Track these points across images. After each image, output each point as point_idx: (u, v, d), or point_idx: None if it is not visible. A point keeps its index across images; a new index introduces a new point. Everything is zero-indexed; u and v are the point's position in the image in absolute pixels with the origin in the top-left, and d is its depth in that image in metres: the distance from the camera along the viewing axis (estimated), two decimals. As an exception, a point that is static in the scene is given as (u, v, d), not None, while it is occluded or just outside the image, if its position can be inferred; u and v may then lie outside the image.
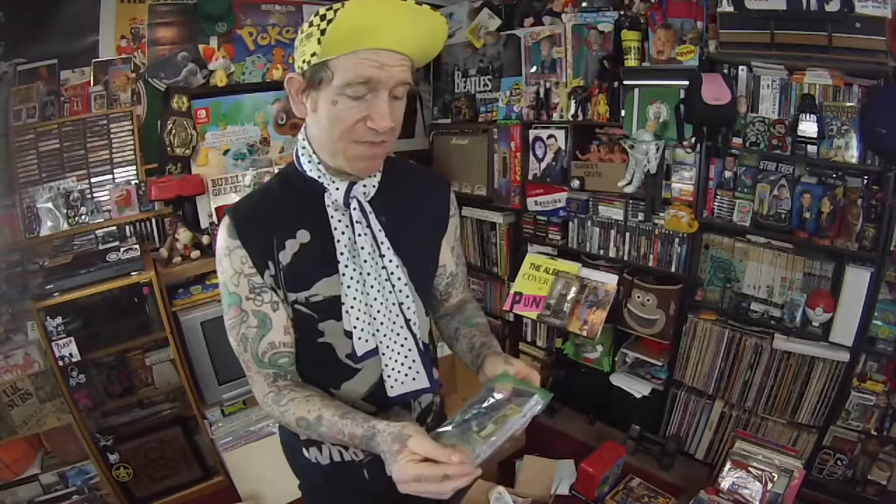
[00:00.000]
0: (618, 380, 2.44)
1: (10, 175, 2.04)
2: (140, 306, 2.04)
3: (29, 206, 2.07)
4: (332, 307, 0.85)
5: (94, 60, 2.15)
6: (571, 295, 2.19)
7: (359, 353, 0.86)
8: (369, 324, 0.86)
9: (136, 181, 2.26)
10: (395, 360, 0.89)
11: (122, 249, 2.03)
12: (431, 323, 1.02)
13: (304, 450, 1.00)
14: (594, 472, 2.01)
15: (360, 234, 0.84)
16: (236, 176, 2.40)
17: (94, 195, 2.20)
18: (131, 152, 2.25)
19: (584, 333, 2.13)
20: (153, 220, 2.32)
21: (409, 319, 0.89)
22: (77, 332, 1.88)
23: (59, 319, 1.84)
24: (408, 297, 0.89)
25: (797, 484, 1.77)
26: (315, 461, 0.99)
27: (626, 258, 2.38)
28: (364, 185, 0.85)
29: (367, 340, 0.86)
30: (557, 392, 2.70)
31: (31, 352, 1.91)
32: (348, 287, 0.84)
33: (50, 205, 2.08)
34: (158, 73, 2.24)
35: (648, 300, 2.27)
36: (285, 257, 0.83)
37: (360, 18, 0.69)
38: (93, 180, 2.20)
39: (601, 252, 2.46)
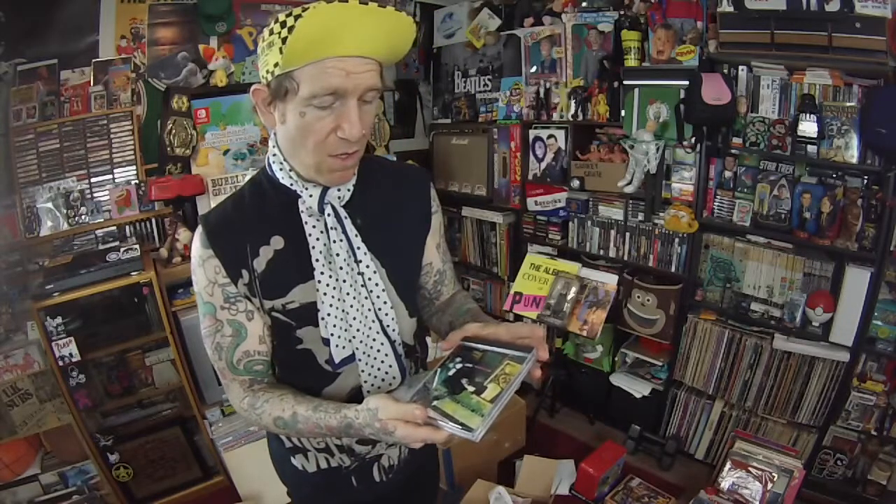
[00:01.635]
0: (618, 380, 2.44)
1: (10, 175, 2.04)
2: (140, 306, 2.04)
3: (29, 206, 2.07)
4: (309, 314, 0.84)
5: (94, 60, 2.15)
6: (571, 295, 2.19)
7: (336, 360, 0.85)
8: (346, 330, 0.84)
9: (136, 181, 2.26)
10: (372, 367, 0.88)
11: (122, 249, 2.03)
12: (418, 324, 0.99)
13: (291, 458, 0.99)
14: (594, 472, 2.01)
15: (334, 241, 0.83)
16: (236, 176, 2.39)
17: (94, 195, 2.20)
18: (131, 152, 2.25)
19: (584, 333, 2.12)
20: (153, 220, 2.32)
21: (387, 325, 0.88)
22: (77, 332, 1.88)
23: (59, 319, 1.84)
24: (386, 302, 0.87)
25: (797, 484, 1.77)
26: (302, 469, 0.98)
27: (626, 258, 2.38)
28: (339, 190, 0.83)
29: (343, 347, 0.85)
30: (557, 392, 2.72)
31: (31, 352, 1.91)
32: (324, 294, 0.82)
33: (50, 205, 2.08)
34: (158, 73, 2.24)
35: (648, 300, 2.27)
36: (259, 264, 0.82)
37: (322, 26, 0.66)
38: (93, 180, 2.19)
39: (601, 252, 2.47)
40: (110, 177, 2.23)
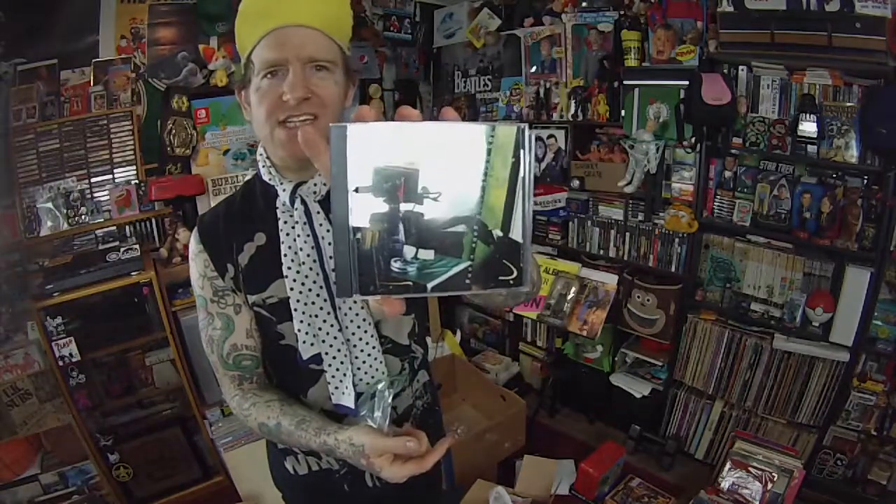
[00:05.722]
0: (618, 380, 2.44)
1: (10, 175, 2.04)
2: (140, 306, 2.04)
3: (29, 206, 2.07)
4: (287, 309, 0.84)
5: (94, 60, 2.15)
6: (571, 295, 2.19)
7: (304, 357, 0.84)
8: (310, 325, 0.84)
9: (136, 181, 2.26)
10: (334, 367, 0.86)
11: (122, 249, 2.03)
12: (417, 322, 0.96)
13: (283, 461, 0.98)
14: (594, 472, 2.01)
15: (298, 236, 0.82)
16: (236, 176, 2.39)
17: (94, 195, 2.20)
18: (131, 152, 2.25)
19: (584, 333, 2.12)
20: (153, 220, 2.31)
21: (347, 327, 0.85)
22: (77, 332, 1.88)
23: (59, 319, 1.84)
24: (356, 303, 0.85)
25: (797, 484, 1.77)
26: (293, 471, 0.97)
27: (626, 258, 2.38)
28: (315, 185, 0.81)
29: (311, 344, 0.84)
30: (558, 392, 2.72)
31: (31, 352, 1.91)
32: (290, 289, 0.82)
33: (50, 205, 2.08)
34: (158, 73, 2.24)
35: (648, 300, 2.27)
36: (243, 259, 0.85)
37: (253, 6, 0.75)
38: (93, 180, 2.19)
39: (601, 252, 2.46)
40: (110, 177, 2.23)
